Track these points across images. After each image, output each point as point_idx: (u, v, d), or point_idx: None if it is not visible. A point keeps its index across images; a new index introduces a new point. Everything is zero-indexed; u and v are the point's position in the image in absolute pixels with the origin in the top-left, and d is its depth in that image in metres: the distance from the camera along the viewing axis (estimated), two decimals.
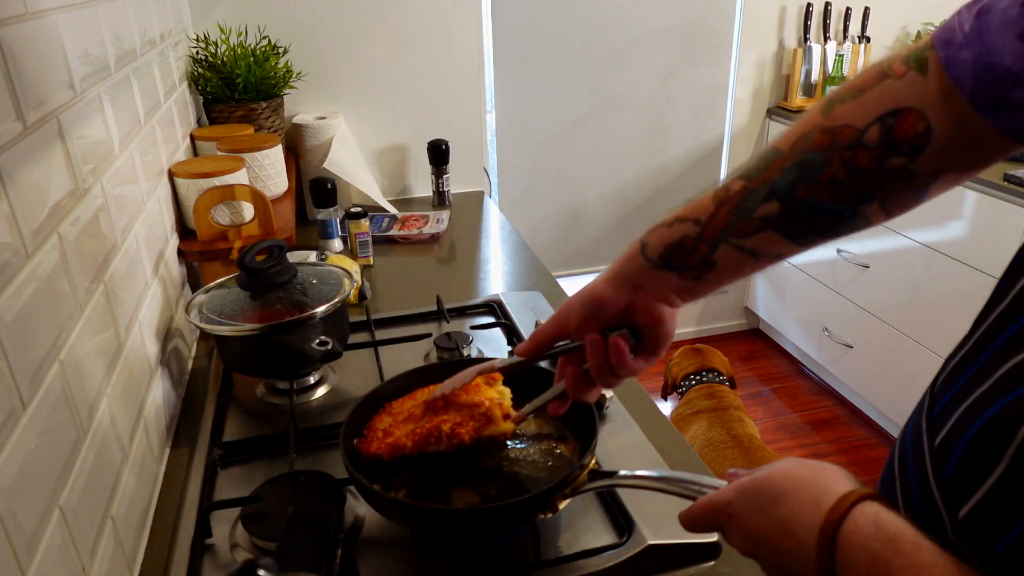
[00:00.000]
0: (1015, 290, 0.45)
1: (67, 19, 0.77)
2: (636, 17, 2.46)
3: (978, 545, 0.42)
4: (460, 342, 1.08)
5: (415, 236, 1.62)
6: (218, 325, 0.94)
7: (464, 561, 0.74)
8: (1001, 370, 0.42)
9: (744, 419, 1.75)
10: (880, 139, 0.56)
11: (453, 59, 1.84)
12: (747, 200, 0.61)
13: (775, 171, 0.60)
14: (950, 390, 0.47)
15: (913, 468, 0.49)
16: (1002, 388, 0.42)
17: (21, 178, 0.60)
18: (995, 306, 0.47)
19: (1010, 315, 0.45)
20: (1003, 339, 0.44)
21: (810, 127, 0.59)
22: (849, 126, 0.57)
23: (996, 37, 0.51)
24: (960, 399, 0.45)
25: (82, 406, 0.67)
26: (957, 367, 0.48)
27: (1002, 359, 0.43)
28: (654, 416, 0.96)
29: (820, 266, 2.54)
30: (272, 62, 1.61)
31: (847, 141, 0.57)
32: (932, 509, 0.45)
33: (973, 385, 0.44)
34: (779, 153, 0.60)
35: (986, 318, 0.47)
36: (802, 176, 0.59)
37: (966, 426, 0.43)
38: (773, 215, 0.60)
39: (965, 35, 0.53)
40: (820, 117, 0.59)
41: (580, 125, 2.57)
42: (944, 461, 0.45)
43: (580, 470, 0.71)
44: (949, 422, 0.45)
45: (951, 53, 0.54)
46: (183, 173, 1.19)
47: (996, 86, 0.52)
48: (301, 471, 0.82)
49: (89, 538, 0.64)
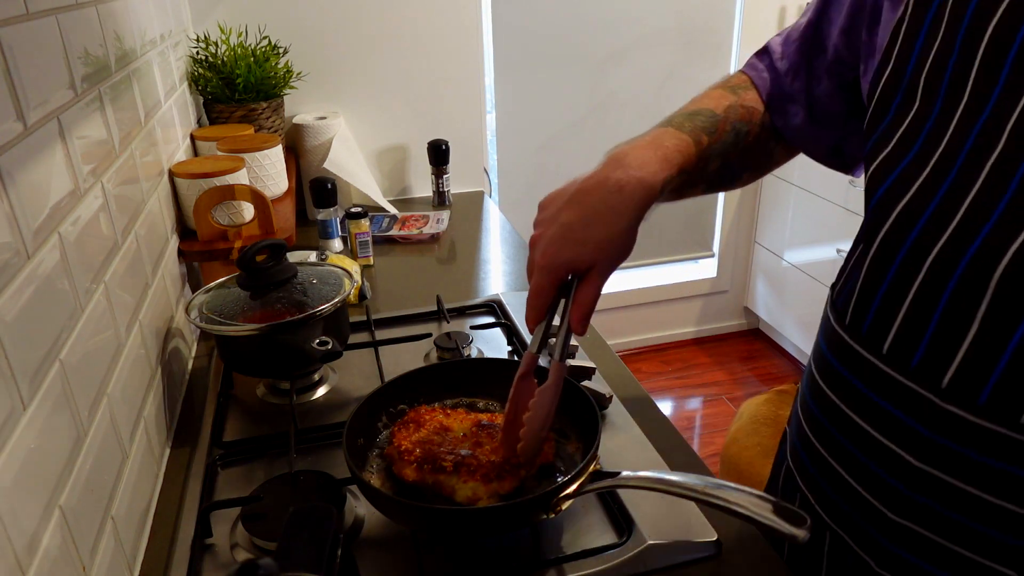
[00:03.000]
0: None
1: (67, 19, 0.77)
2: (636, 17, 2.46)
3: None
4: (460, 342, 1.08)
5: (415, 236, 1.62)
6: (218, 325, 0.94)
7: (464, 561, 0.74)
8: None
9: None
10: (769, 123, 0.74)
11: (453, 59, 1.84)
12: (708, 156, 0.69)
13: (721, 133, 0.70)
14: (854, 293, 0.57)
15: (843, 364, 0.57)
16: None
17: (21, 178, 0.60)
18: None
19: None
20: None
21: (732, 101, 0.72)
22: (755, 109, 0.74)
23: (778, 72, 0.74)
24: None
25: (82, 406, 0.67)
26: (851, 275, 0.58)
27: None
28: (654, 416, 0.96)
29: (820, 266, 2.54)
30: (272, 62, 1.61)
31: (757, 119, 0.73)
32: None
33: None
34: (717, 116, 0.71)
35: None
36: (735, 142, 0.71)
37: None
38: (713, 172, 0.72)
39: (761, 69, 0.76)
40: (733, 97, 0.73)
41: (580, 125, 2.57)
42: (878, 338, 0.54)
43: (583, 471, 0.71)
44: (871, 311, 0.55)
45: (756, 75, 0.76)
46: (183, 173, 1.19)
47: (780, 101, 0.74)
48: (301, 471, 0.82)
49: (89, 538, 0.64)
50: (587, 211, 0.64)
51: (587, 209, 0.64)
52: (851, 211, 2.35)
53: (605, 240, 0.64)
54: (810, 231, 2.58)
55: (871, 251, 0.54)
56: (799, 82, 0.72)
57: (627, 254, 0.66)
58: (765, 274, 2.88)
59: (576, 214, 0.64)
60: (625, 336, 2.94)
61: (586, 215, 0.64)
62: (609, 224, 0.63)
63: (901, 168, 0.51)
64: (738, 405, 2.64)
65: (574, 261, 0.64)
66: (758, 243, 2.89)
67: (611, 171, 0.64)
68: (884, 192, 0.52)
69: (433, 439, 0.76)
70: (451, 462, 0.72)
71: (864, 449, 0.54)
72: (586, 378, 0.98)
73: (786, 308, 2.81)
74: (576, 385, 0.82)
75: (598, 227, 0.63)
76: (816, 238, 2.55)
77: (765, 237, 2.85)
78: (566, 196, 0.66)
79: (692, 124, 0.69)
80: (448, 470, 0.72)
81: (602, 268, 0.65)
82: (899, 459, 0.51)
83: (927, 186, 0.49)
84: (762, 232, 2.86)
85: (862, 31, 0.62)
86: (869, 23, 0.60)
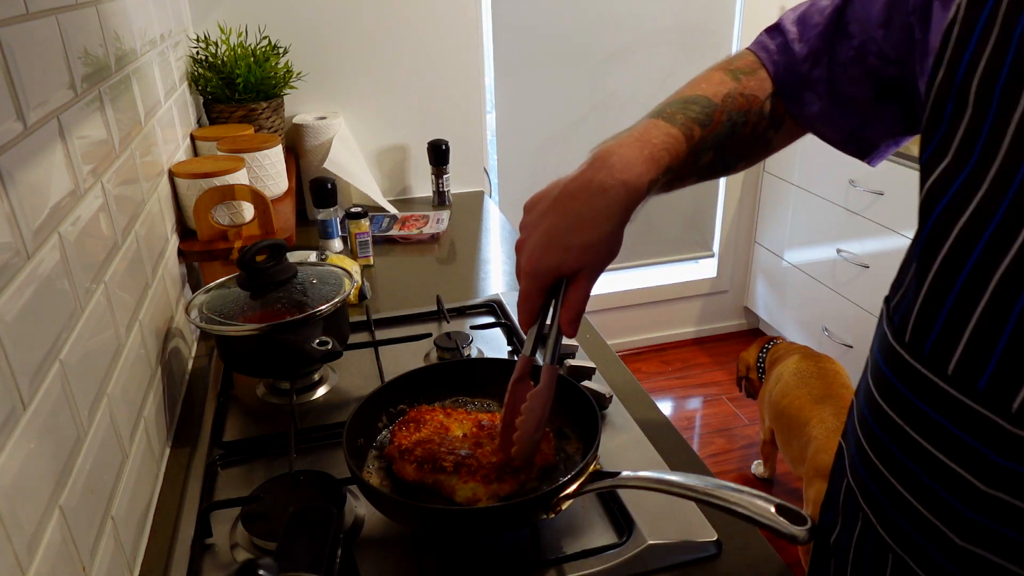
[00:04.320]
0: None
1: (67, 19, 0.77)
2: (636, 17, 2.46)
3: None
4: (460, 342, 1.08)
5: (415, 236, 1.62)
6: (218, 325, 0.94)
7: (464, 561, 0.74)
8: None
9: (830, 359, 1.94)
10: (770, 112, 0.71)
11: (453, 59, 1.84)
12: (700, 149, 0.67)
13: (717, 124, 0.67)
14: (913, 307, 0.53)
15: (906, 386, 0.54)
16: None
17: (21, 178, 0.60)
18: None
19: None
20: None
21: (731, 88, 0.69)
22: (755, 96, 0.70)
23: (793, 55, 0.69)
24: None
25: (82, 406, 0.67)
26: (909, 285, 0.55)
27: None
28: (654, 416, 0.96)
29: (820, 266, 2.54)
30: (272, 62, 1.61)
31: (757, 108, 0.70)
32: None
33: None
34: (714, 105, 0.68)
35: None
36: (731, 132, 0.68)
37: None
38: (706, 164, 0.69)
39: (772, 50, 0.71)
40: (733, 83, 0.70)
41: (580, 125, 2.57)
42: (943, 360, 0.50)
43: (583, 471, 0.71)
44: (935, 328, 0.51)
45: (767, 57, 0.71)
46: (183, 173, 1.19)
47: (795, 87, 0.69)
48: (301, 471, 0.82)
49: (89, 538, 0.64)
50: (570, 216, 0.63)
51: (570, 214, 0.63)
52: (851, 211, 2.35)
53: (589, 245, 0.63)
54: (810, 231, 2.58)
55: (931, 271, 0.51)
56: (820, 69, 0.67)
57: (613, 256, 0.65)
58: (765, 274, 2.88)
59: (559, 219, 0.63)
60: (625, 336, 2.94)
61: (569, 220, 0.63)
62: (592, 229, 0.62)
63: (958, 184, 0.49)
64: (738, 405, 2.64)
65: (559, 266, 0.64)
66: (758, 243, 2.89)
67: (594, 173, 0.63)
68: (942, 210, 0.49)
69: (433, 439, 0.76)
70: (451, 462, 0.72)
71: (928, 470, 0.51)
72: (586, 378, 0.98)
73: (786, 308, 2.81)
74: (576, 385, 0.82)
75: (582, 232, 0.63)
76: (816, 238, 2.55)
77: (765, 237, 2.85)
78: (550, 199, 0.65)
79: (685, 115, 0.66)
80: (448, 470, 0.72)
81: (589, 272, 0.64)
82: (965, 482, 0.48)
83: (986, 203, 0.47)
84: (762, 232, 2.86)
85: (912, 28, 0.58)
86: (920, 21, 0.57)
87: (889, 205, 2.22)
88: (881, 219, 2.25)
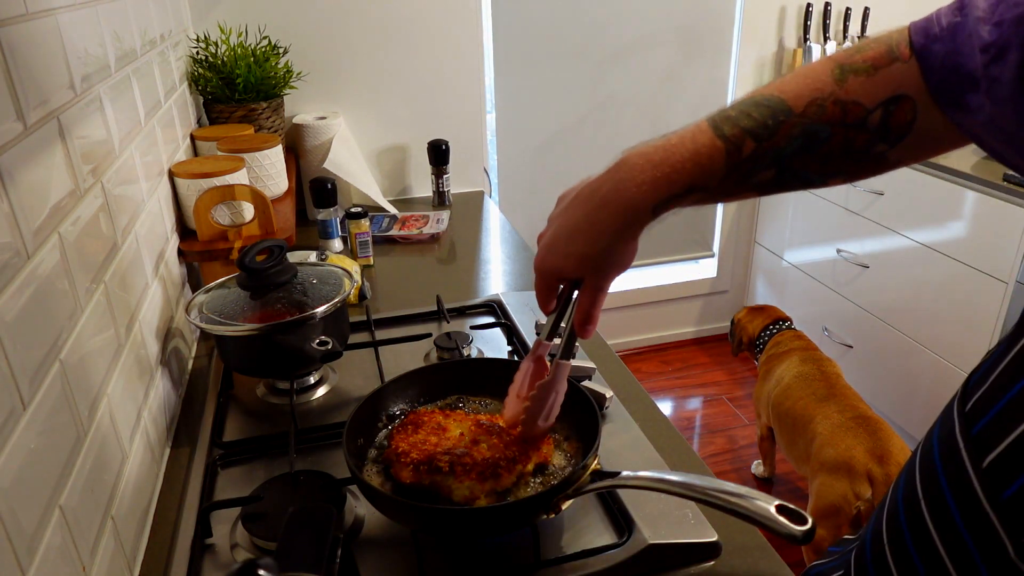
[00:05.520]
0: None
1: (67, 19, 0.77)
2: (636, 17, 2.46)
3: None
4: (460, 342, 1.08)
5: (415, 236, 1.62)
6: (218, 325, 0.94)
7: (464, 561, 0.74)
8: None
9: (830, 360, 2.00)
10: (879, 124, 0.56)
11: (453, 59, 1.84)
12: (753, 164, 0.58)
13: (782, 137, 0.57)
14: (995, 407, 0.46)
15: (950, 485, 0.48)
16: None
17: (21, 178, 0.60)
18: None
19: None
20: None
21: (823, 93, 0.57)
22: (859, 104, 0.56)
23: (965, 41, 0.52)
24: (1010, 416, 0.44)
25: (82, 406, 0.67)
26: (997, 383, 0.47)
27: None
28: (654, 416, 0.96)
29: (820, 266, 2.54)
30: (272, 62, 1.61)
31: (855, 120, 0.56)
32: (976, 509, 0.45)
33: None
34: (788, 112, 0.57)
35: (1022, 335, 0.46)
36: (805, 147, 0.58)
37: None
38: (767, 180, 0.60)
39: (942, 28, 0.54)
40: (834, 84, 0.57)
41: (580, 125, 2.57)
42: (1000, 480, 0.44)
43: (583, 471, 0.71)
44: (1004, 441, 0.45)
45: (926, 43, 0.55)
46: (183, 173, 1.19)
47: (957, 86, 0.52)
48: (301, 471, 0.82)
49: (89, 538, 0.64)
50: (572, 224, 0.63)
51: (573, 221, 0.63)
52: (851, 211, 2.35)
53: (585, 256, 0.62)
54: (810, 231, 2.58)
55: (1011, 352, 0.47)
56: (1001, 67, 0.48)
57: (619, 269, 0.63)
58: (765, 274, 2.88)
59: (565, 223, 0.63)
60: (625, 336, 2.94)
61: (571, 228, 0.63)
62: (589, 241, 0.61)
63: None
64: (738, 405, 2.64)
65: (560, 271, 0.64)
66: (758, 243, 2.89)
67: (604, 182, 0.61)
68: None
69: (430, 440, 0.76)
70: (447, 462, 0.72)
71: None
72: (586, 378, 0.98)
73: (786, 308, 2.80)
74: (576, 385, 0.82)
75: (578, 242, 0.62)
76: (816, 238, 2.55)
77: (765, 237, 2.85)
78: (570, 198, 0.65)
79: (738, 125, 0.58)
80: (444, 470, 0.72)
81: (592, 281, 0.64)
82: None
83: None
84: (762, 232, 2.86)
85: None
86: None
87: (889, 205, 2.22)
88: (881, 219, 2.25)
